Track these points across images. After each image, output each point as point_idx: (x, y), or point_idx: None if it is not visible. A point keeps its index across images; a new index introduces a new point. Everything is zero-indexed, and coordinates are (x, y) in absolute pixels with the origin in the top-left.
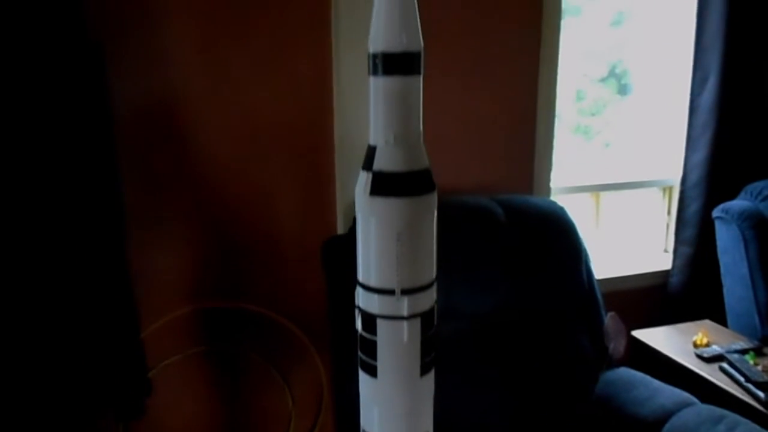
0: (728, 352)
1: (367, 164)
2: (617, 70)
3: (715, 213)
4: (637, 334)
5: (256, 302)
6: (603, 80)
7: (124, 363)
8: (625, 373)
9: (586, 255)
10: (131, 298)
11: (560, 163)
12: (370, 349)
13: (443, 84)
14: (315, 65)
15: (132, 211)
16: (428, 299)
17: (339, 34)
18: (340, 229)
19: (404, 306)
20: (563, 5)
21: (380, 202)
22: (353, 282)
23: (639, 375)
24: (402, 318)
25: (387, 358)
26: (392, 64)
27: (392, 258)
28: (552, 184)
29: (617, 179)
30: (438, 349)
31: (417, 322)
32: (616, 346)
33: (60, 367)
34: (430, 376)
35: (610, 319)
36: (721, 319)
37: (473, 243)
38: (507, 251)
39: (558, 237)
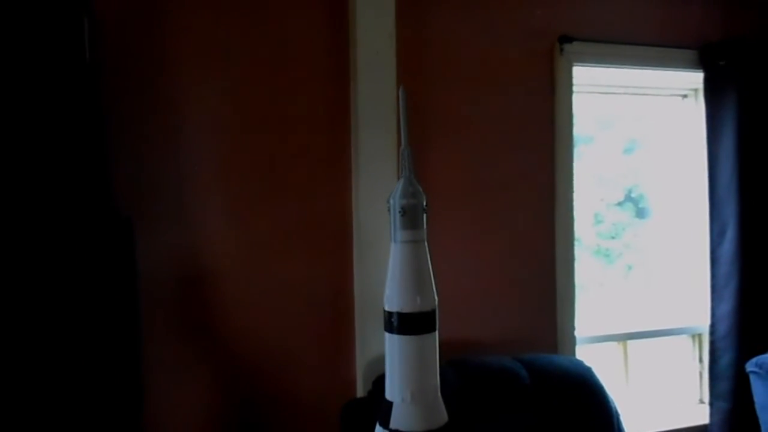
0: None
1: (384, 421)
2: (633, 195)
3: (749, 367)
4: None
5: None
6: (620, 204)
7: None
8: None
9: (618, 417)
10: None
11: (584, 291)
12: None
13: (460, 238)
14: (337, 231)
15: (150, 365)
16: None
17: (359, 198)
18: (360, 390)
19: None
20: (575, 136)
21: None
22: None
23: None
24: None
25: None
26: (408, 323)
27: None
28: (576, 333)
29: (644, 327)
30: None
31: None
32: None
33: None
34: None
35: None
36: None
37: (496, 408)
38: (532, 416)
39: (586, 400)
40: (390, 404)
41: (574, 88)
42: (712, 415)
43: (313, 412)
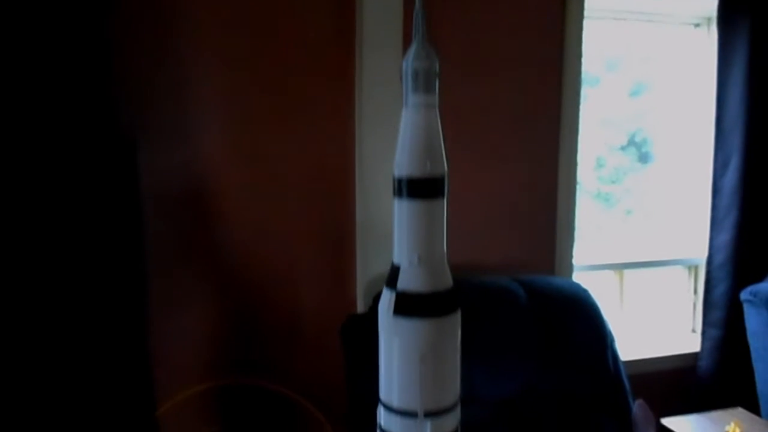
0: None
1: (391, 283)
2: (637, 139)
3: (743, 296)
4: (667, 422)
5: (273, 380)
6: (623, 148)
7: None
8: None
9: (612, 339)
10: (149, 374)
11: (582, 233)
12: None
13: (463, 162)
14: (338, 146)
15: (153, 287)
16: (452, 421)
17: (362, 117)
18: (360, 307)
19: (427, 429)
20: (582, 75)
21: (404, 322)
22: (373, 363)
23: None
24: None
25: None
26: (417, 188)
27: (415, 380)
28: (574, 262)
29: (641, 257)
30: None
31: None
32: None
33: None
34: None
35: (638, 408)
36: (753, 405)
37: (494, 327)
38: (529, 336)
39: (582, 320)
40: (397, 268)
41: (585, 13)
42: (703, 342)
43: (315, 329)
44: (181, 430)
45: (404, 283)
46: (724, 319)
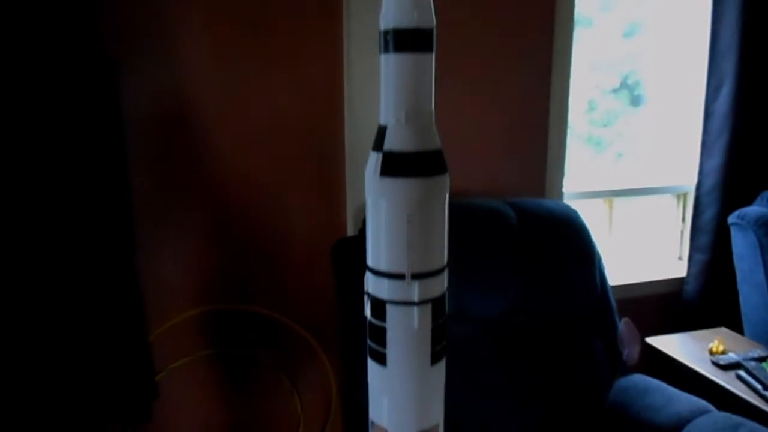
0: (745, 359)
1: (378, 144)
2: (629, 81)
3: (731, 219)
4: (652, 341)
5: (265, 305)
6: (615, 91)
7: (131, 366)
8: (640, 379)
9: (600, 259)
10: (139, 300)
11: (572, 172)
12: (380, 336)
13: (455, 89)
14: (326, 69)
15: (141, 213)
16: (439, 285)
17: (351, 40)
18: (350, 232)
19: (415, 291)
20: (575, 16)
21: (391, 183)
22: (363, 284)
23: (654, 382)
24: (412, 304)
25: (397, 345)
26: (404, 40)
27: (402, 241)
28: (564, 190)
29: (631, 185)
30: (447, 337)
31: (428, 309)
32: (630, 353)
33: (66, 370)
34: (441, 366)
35: (624, 325)
36: (737, 327)
37: (483, 246)
38: (518, 255)
39: (571, 240)
40: (384, 128)
41: None
42: (690, 267)
43: (307, 255)
44: (174, 354)
45: (391, 142)
46: (711, 244)
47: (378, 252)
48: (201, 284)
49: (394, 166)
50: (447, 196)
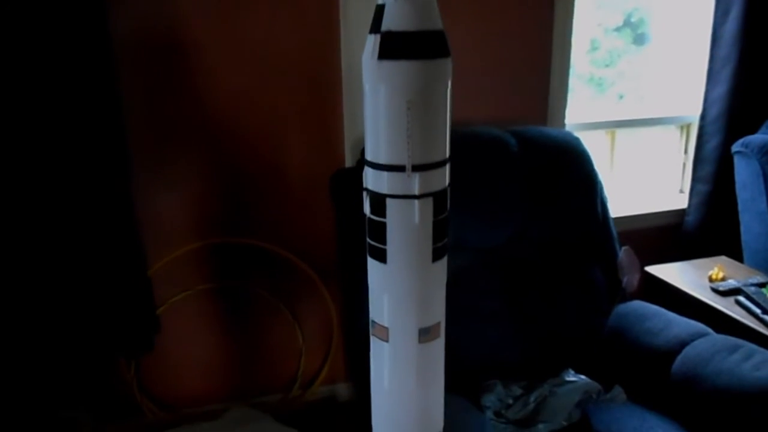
0: (745, 285)
1: (375, 26)
2: (633, 20)
3: (735, 147)
4: (651, 269)
5: (265, 238)
6: (618, 29)
7: (131, 300)
8: (639, 305)
9: (601, 187)
10: (136, 235)
11: (573, 111)
12: (380, 232)
13: (458, 19)
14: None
15: (137, 148)
16: (440, 179)
17: None
18: (348, 163)
19: (415, 184)
20: None
21: (389, 66)
22: (361, 213)
23: (653, 307)
24: (413, 197)
25: (397, 241)
26: None
27: (402, 130)
28: (567, 121)
29: (634, 116)
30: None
31: (429, 203)
32: (630, 280)
33: (66, 306)
34: (443, 264)
35: (624, 253)
36: (737, 256)
37: (484, 175)
38: (519, 183)
39: (572, 167)
40: (382, 6)
41: None
42: (691, 198)
43: (304, 185)
44: (174, 288)
45: (389, 22)
46: (714, 174)
47: (377, 143)
48: (200, 218)
49: (393, 47)
50: (449, 83)
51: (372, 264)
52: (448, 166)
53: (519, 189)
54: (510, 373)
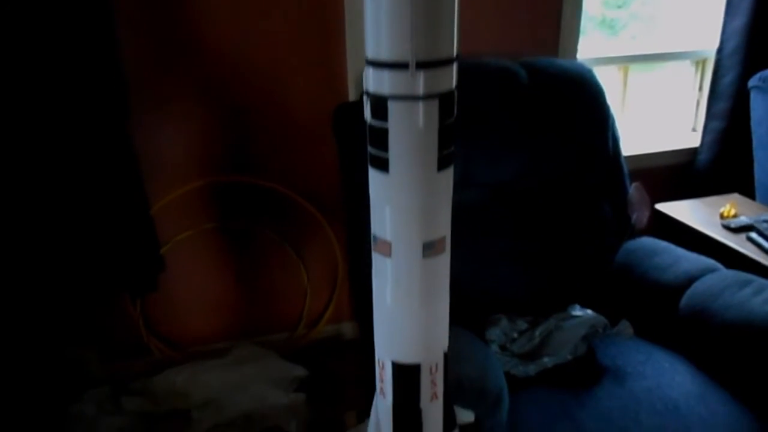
0: (757, 222)
1: None
2: None
3: (752, 82)
4: (662, 207)
5: (268, 178)
6: None
7: (134, 239)
8: (648, 242)
9: (613, 121)
10: (137, 173)
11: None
12: (381, 139)
13: None
14: None
15: (137, 87)
16: (447, 78)
17: None
18: (352, 98)
19: (419, 83)
20: None
21: None
22: (365, 148)
23: (662, 243)
24: (417, 98)
25: (400, 147)
26: None
27: (406, 22)
28: (578, 56)
29: (648, 50)
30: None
31: (434, 105)
32: (639, 216)
33: (70, 247)
34: (449, 174)
35: (634, 189)
36: (749, 194)
37: (493, 108)
38: (528, 115)
39: (584, 100)
40: None
41: None
42: (704, 135)
43: (308, 123)
44: (178, 227)
45: None
46: (729, 110)
47: (378, 38)
48: (202, 157)
49: None
50: None
51: (373, 175)
52: (455, 66)
53: (528, 122)
54: (516, 308)
